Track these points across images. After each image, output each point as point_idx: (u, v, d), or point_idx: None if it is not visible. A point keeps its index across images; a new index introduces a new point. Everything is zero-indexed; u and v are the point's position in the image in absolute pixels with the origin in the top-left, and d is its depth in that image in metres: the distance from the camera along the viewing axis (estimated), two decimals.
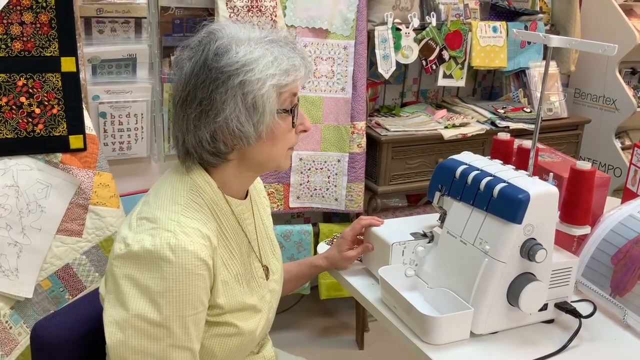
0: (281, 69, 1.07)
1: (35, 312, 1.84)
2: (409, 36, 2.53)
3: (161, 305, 1.01)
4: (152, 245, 1.01)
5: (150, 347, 1.02)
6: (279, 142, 1.13)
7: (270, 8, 2.25)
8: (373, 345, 2.71)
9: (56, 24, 1.77)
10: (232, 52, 1.06)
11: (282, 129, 1.12)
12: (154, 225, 1.05)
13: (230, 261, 1.15)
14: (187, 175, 1.12)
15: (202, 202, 1.11)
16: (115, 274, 1.04)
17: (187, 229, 1.04)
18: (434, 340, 1.18)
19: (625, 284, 1.31)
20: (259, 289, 1.23)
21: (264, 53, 1.07)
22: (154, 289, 1.01)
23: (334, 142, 2.43)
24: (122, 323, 1.02)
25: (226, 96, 1.05)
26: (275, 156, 1.15)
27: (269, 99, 1.07)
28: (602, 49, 1.15)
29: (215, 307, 1.10)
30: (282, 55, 1.08)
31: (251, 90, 1.05)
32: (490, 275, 1.18)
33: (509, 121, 2.65)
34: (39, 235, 1.81)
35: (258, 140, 1.09)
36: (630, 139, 3.33)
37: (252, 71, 1.05)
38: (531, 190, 1.15)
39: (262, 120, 1.07)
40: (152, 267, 1.01)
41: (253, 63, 1.05)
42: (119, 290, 1.03)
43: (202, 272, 1.04)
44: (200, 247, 1.04)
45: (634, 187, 1.72)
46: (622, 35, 2.99)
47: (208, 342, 1.12)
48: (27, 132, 1.79)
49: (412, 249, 1.38)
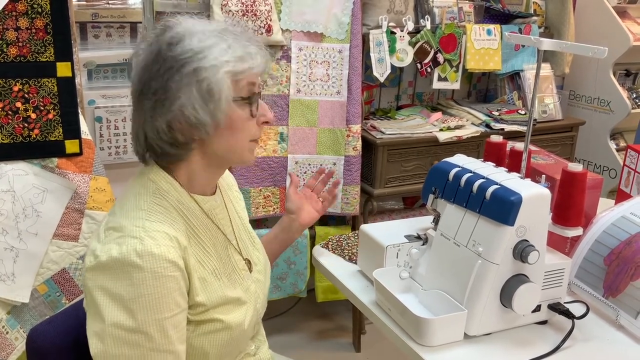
0: (235, 55, 1.07)
1: (32, 317, 1.84)
2: (404, 39, 2.54)
3: (135, 312, 1.01)
4: (119, 254, 1.01)
5: (130, 354, 1.02)
6: (238, 132, 1.12)
7: (265, 12, 2.26)
8: (370, 348, 2.71)
9: (51, 29, 1.78)
10: (186, 41, 1.06)
11: (240, 118, 1.11)
12: (120, 234, 1.04)
13: (205, 258, 1.15)
14: (150, 181, 1.12)
15: (166, 204, 1.11)
16: (88, 287, 1.04)
17: (152, 232, 1.04)
18: (428, 342, 1.19)
19: (618, 284, 1.31)
20: (242, 281, 1.23)
21: (218, 41, 1.07)
22: (126, 296, 1.00)
23: (330, 145, 2.44)
24: (100, 334, 1.02)
25: (181, 84, 1.05)
26: (236, 148, 1.13)
27: (224, 86, 1.07)
28: (592, 51, 1.16)
29: (197, 306, 1.10)
30: (237, 43, 1.08)
31: (206, 77, 1.05)
32: (484, 277, 1.19)
33: (504, 123, 2.66)
34: (35, 240, 1.81)
35: (217, 129, 1.09)
36: (625, 140, 3.35)
37: (205, 58, 1.05)
38: (523, 192, 1.16)
39: (219, 108, 1.07)
40: (121, 275, 1.01)
41: (206, 50, 1.06)
42: (94, 303, 1.03)
43: (173, 273, 1.04)
44: (167, 249, 1.03)
45: (627, 189, 1.73)
46: (616, 37, 3.01)
47: (198, 341, 1.12)
48: (23, 137, 1.79)
49: (406, 251, 1.38)
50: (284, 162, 2.42)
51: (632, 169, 1.71)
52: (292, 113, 2.40)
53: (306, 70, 2.39)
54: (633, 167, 1.71)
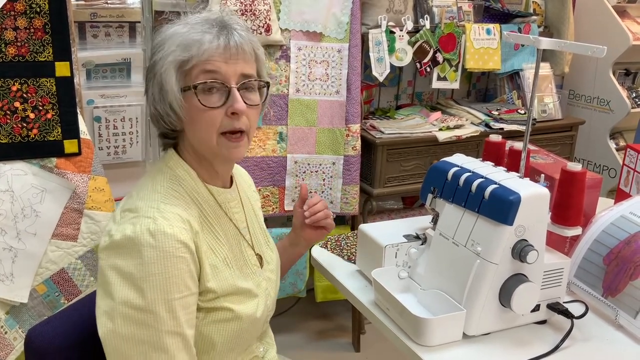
0: (182, 44, 1.06)
1: (31, 317, 1.84)
2: (403, 39, 2.54)
3: (145, 290, 1.01)
4: (132, 232, 1.03)
5: (139, 333, 1.02)
6: (197, 124, 1.10)
7: (264, 12, 2.26)
8: (369, 348, 2.71)
9: (50, 28, 1.77)
10: (159, 33, 1.11)
11: (193, 109, 1.08)
12: (135, 214, 1.06)
13: (216, 246, 1.15)
14: (167, 167, 1.15)
15: (181, 190, 1.13)
16: (101, 266, 1.06)
17: (166, 213, 1.06)
18: (427, 341, 1.19)
19: (617, 284, 1.31)
20: (253, 275, 1.23)
21: (176, 30, 1.09)
22: (137, 274, 1.01)
23: (329, 145, 2.44)
24: (110, 312, 1.02)
25: (148, 78, 1.12)
26: (203, 140, 1.11)
27: (168, 76, 1.08)
28: (591, 50, 1.16)
29: (208, 292, 1.11)
30: (193, 30, 1.07)
31: (158, 70, 1.09)
32: (483, 277, 1.18)
33: (503, 123, 2.66)
34: (34, 240, 1.81)
35: (181, 121, 1.11)
36: (625, 139, 3.34)
37: (161, 51, 1.08)
38: (522, 191, 1.16)
39: (172, 99, 1.08)
40: (133, 253, 1.02)
41: (165, 42, 1.09)
42: (105, 281, 1.04)
43: (184, 254, 1.04)
44: (180, 230, 1.05)
45: (626, 188, 1.73)
46: (616, 37, 3.00)
47: (206, 329, 1.12)
48: (22, 137, 1.79)
49: (405, 251, 1.38)
50: (283, 162, 2.42)
51: (632, 169, 1.71)
52: (291, 113, 2.39)
53: (305, 69, 2.38)
54: (632, 166, 1.71)
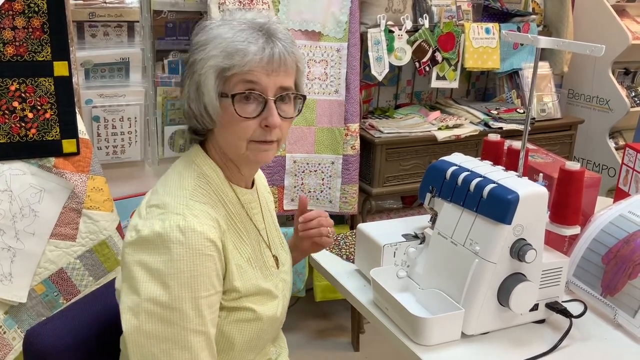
0: (226, 51, 1.06)
1: (30, 317, 1.84)
2: (402, 38, 2.53)
3: (172, 287, 1.00)
4: (161, 228, 1.02)
5: (164, 330, 1.01)
6: (229, 130, 1.10)
7: (262, 11, 2.25)
8: (369, 347, 2.71)
9: (48, 28, 1.77)
10: (203, 30, 1.09)
11: (229, 115, 1.08)
12: (163, 210, 1.05)
13: (241, 245, 1.15)
14: (194, 164, 1.14)
15: (209, 188, 1.12)
16: (127, 261, 1.04)
17: (196, 211, 1.05)
18: (425, 341, 1.19)
19: (616, 283, 1.31)
20: (271, 277, 1.23)
21: (221, 33, 1.08)
22: (165, 271, 1.00)
23: (328, 144, 2.44)
24: (135, 308, 1.01)
25: (186, 74, 1.11)
26: (231, 144, 1.12)
27: (207, 80, 1.07)
28: (589, 49, 1.15)
29: (232, 291, 1.10)
30: (239, 38, 1.06)
31: (196, 70, 1.08)
32: (481, 276, 1.18)
33: (503, 122, 2.66)
34: (33, 240, 1.81)
35: (215, 122, 1.11)
36: (624, 138, 3.34)
37: (203, 51, 1.07)
38: (520, 190, 1.16)
39: (207, 102, 1.08)
40: (161, 249, 1.01)
41: (208, 43, 1.08)
42: (131, 277, 1.03)
43: (212, 252, 1.04)
44: (209, 228, 1.04)
45: (625, 187, 1.73)
46: (615, 36, 3.00)
47: (227, 328, 1.12)
48: (20, 136, 1.79)
49: (403, 250, 1.38)
50: (282, 162, 2.42)
51: (631, 168, 1.71)
52: None
53: (304, 69, 2.38)
54: (631, 165, 1.71)
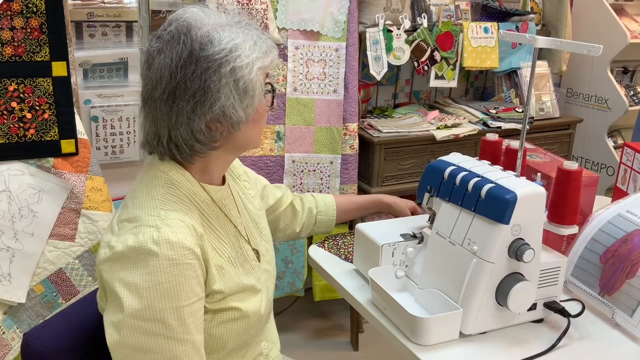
0: (262, 51, 1.11)
1: (29, 317, 1.84)
2: (401, 38, 2.53)
3: (153, 300, 1.00)
4: (135, 242, 1.01)
5: (148, 342, 1.01)
6: (260, 122, 1.18)
7: (261, 11, 2.26)
8: (368, 347, 2.71)
9: (47, 28, 1.77)
10: (216, 40, 1.07)
11: (263, 109, 1.17)
12: (135, 224, 1.05)
13: (220, 246, 1.15)
14: (160, 171, 1.13)
15: (179, 194, 1.11)
16: (104, 279, 1.04)
17: (169, 220, 1.04)
18: (424, 341, 1.19)
19: (614, 283, 1.31)
20: (253, 271, 1.23)
21: (245, 38, 1.10)
22: (143, 285, 1.00)
23: (327, 144, 2.44)
24: (117, 324, 1.01)
25: (220, 84, 1.06)
26: (255, 137, 1.19)
27: (257, 82, 1.10)
28: (587, 49, 1.16)
29: (215, 293, 1.10)
30: (258, 38, 1.12)
31: (242, 75, 1.07)
32: (479, 276, 1.18)
33: (501, 121, 2.66)
34: (32, 240, 1.81)
35: (245, 123, 1.12)
36: (623, 137, 3.35)
37: (239, 57, 1.07)
38: (518, 190, 1.16)
39: (252, 104, 1.11)
40: (138, 263, 1.01)
41: (239, 48, 1.08)
42: (111, 294, 1.03)
43: (190, 261, 1.04)
44: (184, 236, 1.04)
45: (624, 186, 1.73)
46: (614, 35, 3.01)
47: (216, 331, 1.12)
48: (19, 137, 1.79)
49: (402, 250, 1.38)
50: (281, 161, 2.42)
51: (629, 167, 1.71)
52: (288, 112, 2.39)
53: (303, 68, 2.38)
54: (630, 164, 1.71)
